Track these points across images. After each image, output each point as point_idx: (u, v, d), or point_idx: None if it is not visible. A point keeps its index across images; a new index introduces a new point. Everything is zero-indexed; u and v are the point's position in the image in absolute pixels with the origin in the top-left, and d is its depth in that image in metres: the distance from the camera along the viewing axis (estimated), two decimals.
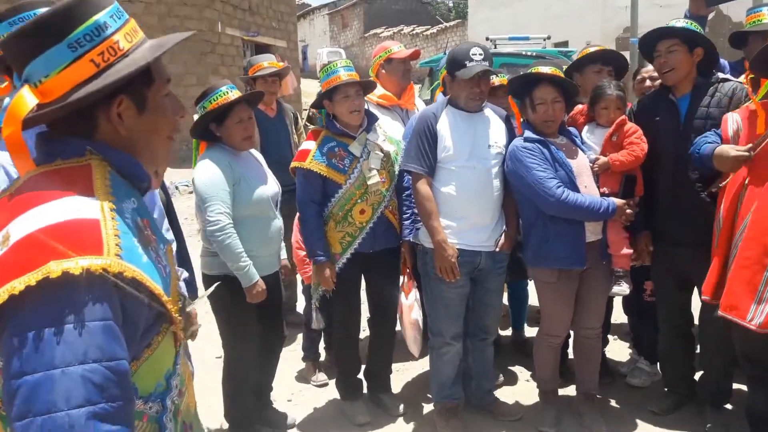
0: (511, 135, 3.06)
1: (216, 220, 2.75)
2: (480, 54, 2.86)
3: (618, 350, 4.08)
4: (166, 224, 2.41)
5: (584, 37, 19.13)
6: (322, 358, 4.01)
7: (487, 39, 10.95)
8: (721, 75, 3.02)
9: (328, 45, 34.84)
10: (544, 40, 10.84)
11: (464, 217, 2.93)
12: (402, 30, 29.50)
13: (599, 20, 18.96)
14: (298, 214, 3.29)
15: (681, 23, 2.98)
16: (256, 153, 3.16)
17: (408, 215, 3.20)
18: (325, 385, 3.77)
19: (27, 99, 1.01)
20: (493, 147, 2.95)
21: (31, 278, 0.86)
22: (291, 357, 4.13)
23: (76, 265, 0.88)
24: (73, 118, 1.06)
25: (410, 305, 3.22)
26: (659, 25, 3.05)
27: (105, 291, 0.91)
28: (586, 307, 3.07)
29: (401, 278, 3.34)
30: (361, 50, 31.83)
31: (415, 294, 3.24)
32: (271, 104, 4.34)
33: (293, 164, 3.13)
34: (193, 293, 3.02)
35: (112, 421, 0.88)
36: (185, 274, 2.44)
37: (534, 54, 9.08)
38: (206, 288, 2.97)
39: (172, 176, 9.81)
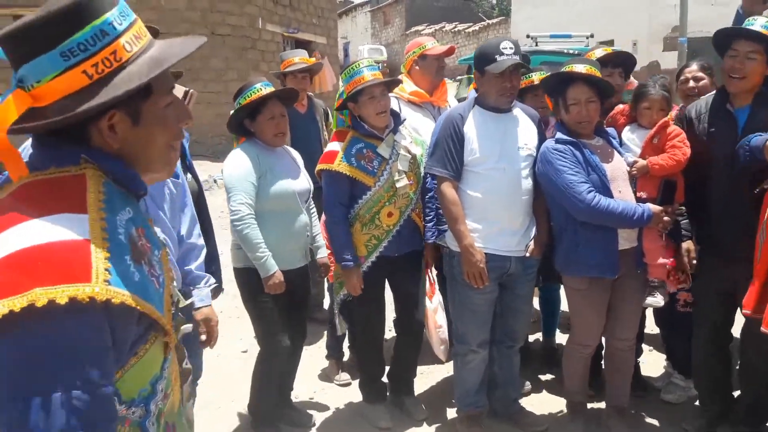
0: (542, 136, 2.95)
1: (237, 210, 2.81)
2: (511, 48, 2.76)
3: (653, 362, 3.91)
4: (189, 215, 2.40)
5: (630, 35, 18.71)
6: (346, 357, 3.96)
7: (528, 36, 10.78)
8: None
9: (369, 42, 34.88)
10: (587, 38, 10.60)
11: (493, 221, 2.83)
12: (444, 27, 29.29)
13: (646, 18, 18.47)
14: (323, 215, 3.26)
15: (762, 22, 2.66)
16: (293, 151, 3.17)
17: (431, 217, 3.13)
18: (348, 384, 3.73)
19: (15, 105, 0.96)
20: (523, 149, 2.85)
21: (15, 303, 0.83)
22: (316, 354, 4.11)
23: (62, 294, 0.85)
24: (62, 128, 1.01)
25: (434, 308, 3.14)
26: (709, 23, 2.86)
27: (91, 318, 0.89)
28: (619, 317, 2.94)
29: (426, 281, 3.27)
30: (402, 47, 31.64)
31: (438, 297, 3.17)
32: (302, 100, 4.30)
33: (319, 166, 3.07)
34: (217, 286, 3.03)
35: None
36: (212, 281, 2.42)
37: (576, 52, 8.89)
38: (237, 279, 3.01)
39: (211, 169, 9.91)
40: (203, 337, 2.36)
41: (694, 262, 2.88)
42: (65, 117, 0.96)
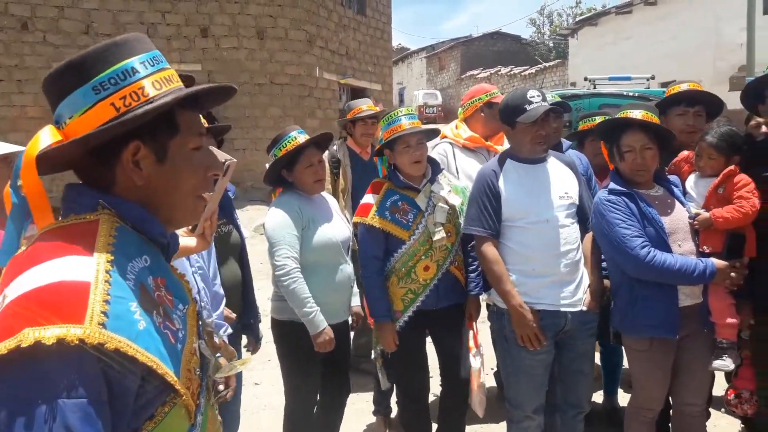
0: (582, 183, 2.83)
1: (282, 265, 2.76)
2: (538, 95, 2.69)
3: (726, 426, 3.60)
4: (213, 265, 2.39)
5: (694, 76, 18.15)
6: (394, 413, 3.82)
7: (586, 79, 10.62)
8: None
9: (424, 87, 35.39)
10: (648, 80, 10.34)
11: (542, 274, 2.68)
12: (499, 71, 29.41)
13: (711, 58, 17.98)
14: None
15: None
16: (328, 197, 3.15)
17: (474, 267, 3.00)
18: None
19: (42, 138, 1.00)
20: (564, 198, 2.73)
21: (3, 347, 0.81)
22: (364, 408, 3.99)
23: (51, 334, 0.81)
24: (90, 165, 1.04)
25: (478, 368, 2.98)
26: None
27: (81, 363, 0.84)
28: (686, 380, 2.71)
29: (469, 336, 3.12)
30: (456, 91, 31.97)
31: (480, 357, 3.00)
32: (367, 147, 4.34)
33: (355, 219, 3.04)
34: (255, 338, 2.99)
35: None
36: (228, 330, 2.39)
37: (636, 94, 8.69)
38: (274, 332, 2.96)
39: (257, 219, 10.06)
40: (221, 387, 2.28)
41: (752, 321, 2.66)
42: (87, 136, 0.99)
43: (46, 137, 1.00)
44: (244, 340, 3.04)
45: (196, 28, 13.07)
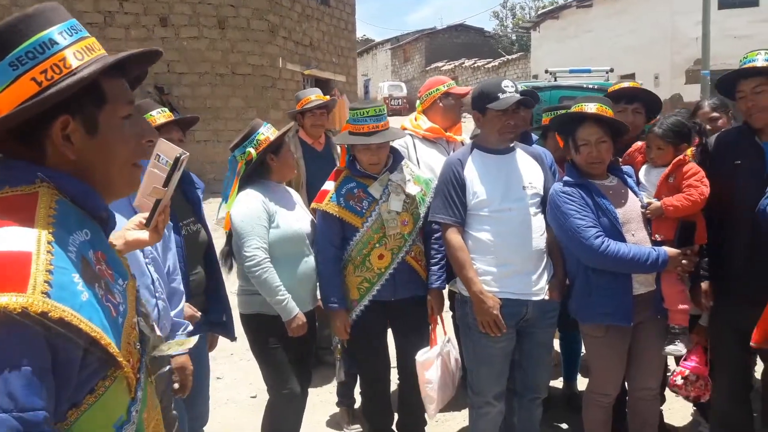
0: (548, 175, 2.87)
1: (252, 255, 2.74)
2: (512, 86, 2.72)
3: (680, 409, 3.71)
4: (172, 259, 2.35)
5: (652, 69, 18.66)
6: (358, 404, 3.83)
7: (547, 71, 10.79)
8: None
9: (389, 78, 35.37)
10: (607, 72, 10.55)
11: (505, 263, 2.71)
12: (463, 63, 29.58)
13: (668, 52, 18.44)
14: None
15: (764, 57, 2.61)
16: (291, 190, 3.14)
17: (437, 260, 3.01)
18: None
19: None
20: (528, 188, 2.76)
21: None
22: (327, 399, 3.99)
23: None
24: (15, 143, 1.00)
25: (423, 362, 2.93)
26: (732, 57, 2.76)
27: (25, 332, 0.83)
28: (641, 365, 2.79)
29: (431, 329, 3.13)
30: (421, 83, 31.65)
31: (437, 350, 2.99)
32: (319, 137, 4.30)
33: (312, 205, 3.05)
34: (228, 336, 2.95)
35: None
36: (189, 328, 2.36)
37: (596, 87, 8.85)
38: (244, 326, 2.94)
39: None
40: (176, 386, 2.27)
41: (711, 304, 2.74)
42: (8, 115, 0.95)
43: None
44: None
45: (155, 17, 12.75)
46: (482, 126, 2.83)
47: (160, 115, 2.62)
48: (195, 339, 1.66)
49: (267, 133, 2.88)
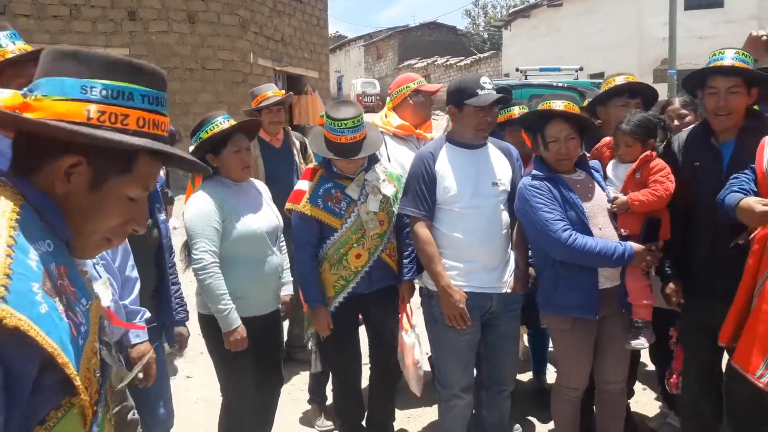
0: (516, 170, 2.89)
1: (200, 259, 2.65)
2: (490, 84, 2.75)
3: (647, 401, 3.78)
4: (121, 248, 2.26)
5: (621, 68, 18.82)
6: (329, 401, 3.82)
7: (518, 70, 10.87)
8: None
9: (362, 75, 35.29)
10: (576, 71, 10.68)
11: (472, 259, 2.74)
12: (436, 61, 29.67)
13: (636, 52, 18.75)
14: None
15: (732, 54, 2.58)
16: (259, 185, 3.04)
17: (408, 253, 3.03)
18: (331, 431, 3.58)
19: (4, 100, 0.94)
20: (498, 184, 2.78)
21: None
22: (299, 397, 3.96)
23: None
24: (14, 143, 0.99)
25: (412, 344, 3.02)
26: (697, 57, 2.78)
27: None
28: (607, 358, 2.83)
29: (401, 317, 3.15)
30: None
31: (414, 334, 3.05)
32: (277, 134, 4.24)
33: (288, 205, 2.98)
34: (168, 342, 2.83)
35: None
36: (146, 315, 2.30)
37: (565, 85, 8.95)
38: (201, 327, 2.87)
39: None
40: (140, 376, 2.17)
41: (682, 301, 2.78)
42: (32, 121, 0.94)
43: (8, 101, 0.95)
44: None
45: (123, 10, 12.47)
46: (458, 121, 2.83)
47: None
48: (133, 374, 1.56)
49: (224, 125, 2.74)
